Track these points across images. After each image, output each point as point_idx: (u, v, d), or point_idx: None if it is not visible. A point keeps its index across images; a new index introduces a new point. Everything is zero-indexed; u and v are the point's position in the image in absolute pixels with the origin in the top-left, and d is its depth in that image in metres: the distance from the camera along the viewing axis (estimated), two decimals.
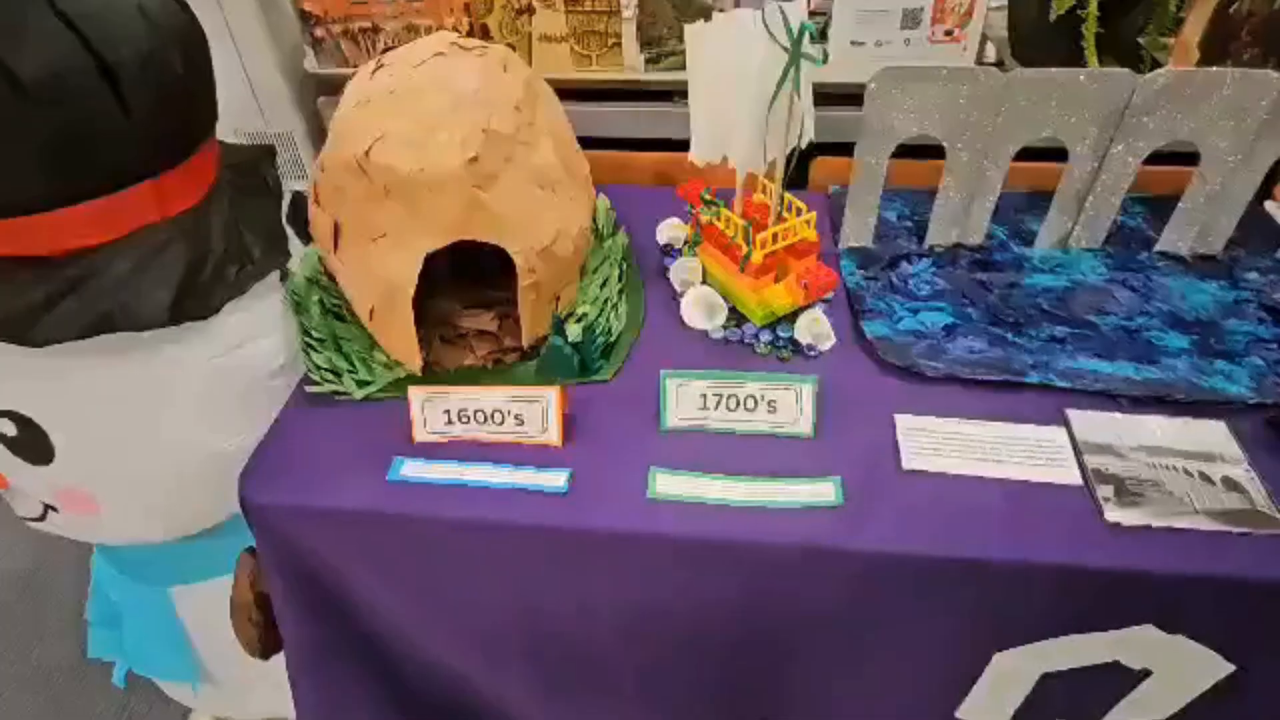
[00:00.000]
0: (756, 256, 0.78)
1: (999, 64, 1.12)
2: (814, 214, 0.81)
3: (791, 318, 0.82)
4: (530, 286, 0.74)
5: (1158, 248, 0.91)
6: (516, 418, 0.70)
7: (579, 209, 0.79)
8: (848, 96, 0.91)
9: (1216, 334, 0.80)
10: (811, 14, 1.07)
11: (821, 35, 1.03)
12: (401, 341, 0.74)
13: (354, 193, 0.70)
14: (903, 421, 0.71)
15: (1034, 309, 0.84)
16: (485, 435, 0.70)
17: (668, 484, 0.66)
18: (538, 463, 0.68)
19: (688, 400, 0.71)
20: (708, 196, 0.85)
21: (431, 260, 0.71)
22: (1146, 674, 0.70)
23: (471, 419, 0.70)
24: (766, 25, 0.67)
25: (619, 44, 1.05)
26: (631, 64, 1.06)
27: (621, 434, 0.72)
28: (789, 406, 0.70)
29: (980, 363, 0.76)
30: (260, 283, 0.78)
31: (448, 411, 0.69)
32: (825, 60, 0.67)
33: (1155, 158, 0.86)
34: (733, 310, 0.84)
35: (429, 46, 0.74)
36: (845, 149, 0.88)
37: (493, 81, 0.72)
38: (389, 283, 0.71)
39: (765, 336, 0.81)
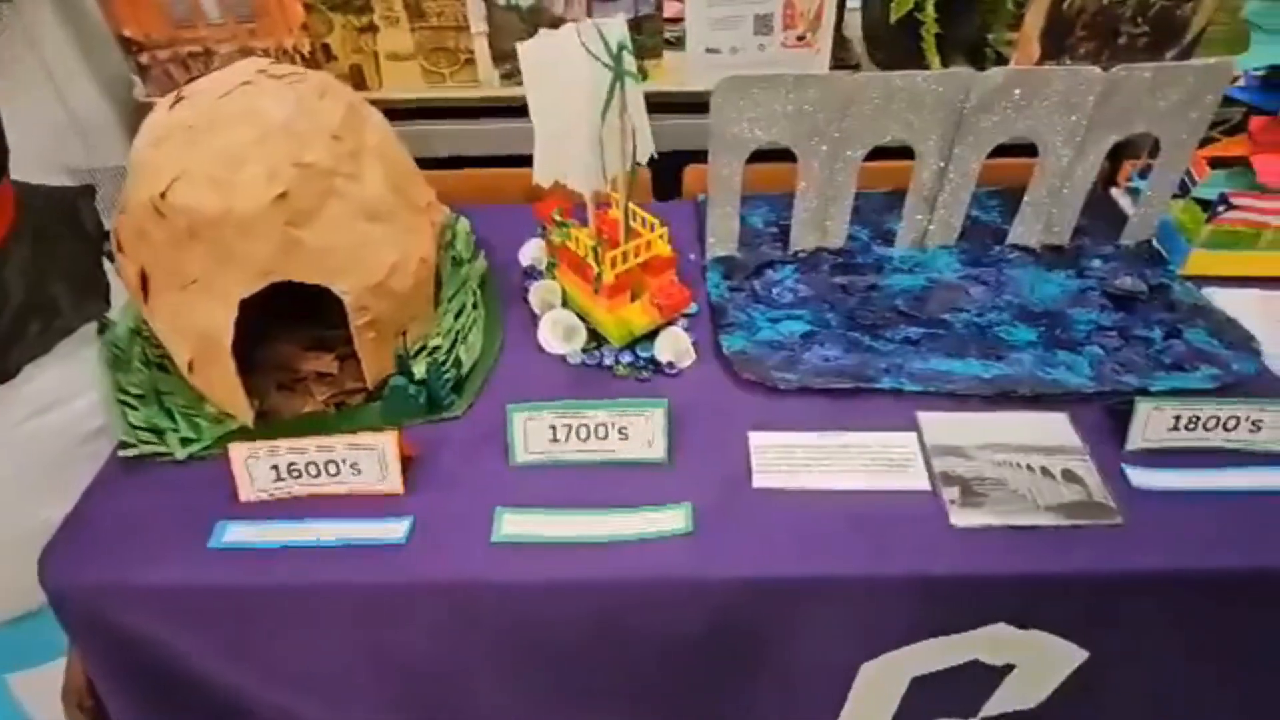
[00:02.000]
0: (608, 276, 0.76)
1: (856, 66, 1.14)
2: (666, 228, 0.80)
3: (653, 335, 0.81)
4: (366, 325, 0.70)
5: (1009, 240, 0.93)
6: (353, 467, 0.65)
7: (418, 238, 0.76)
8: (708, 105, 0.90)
9: (1062, 324, 0.82)
10: (667, 20, 1.06)
11: (679, 43, 1.02)
12: (226, 394, 0.69)
13: (157, 237, 0.65)
14: (756, 439, 0.70)
15: (892, 311, 0.84)
16: (320, 489, 0.66)
17: (514, 525, 0.63)
18: (378, 513, 0.65)
19: (537, 433, 0.69)
20: (558, 216, 0.83)
21: (264, 300, 0.66)
22: (1010, 668, 0.71)
23: (303, 472, 0.65)
24: (585, 44, 0.65)
25: (472, 60, 1.01)
26: (486, 80, 1.02)
27: (471, 473, 0.68)
28: (640, 433, 0.68)
29: (834, 371, 0.75)
30: (70, 338, 0.72)
31: (276, 467, 0.65)
32: (644, 79, 0.65)
33: (1012, 150, 0.87)
34: (594, 332, 0.82)
35: (235, 75, 0.69)
36: None
37: (306, 110, 0.68)
38: (203, 333, 0.66)
39: (625, 357, 0.79)
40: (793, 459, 0.68)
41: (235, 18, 0.98)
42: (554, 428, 0.68)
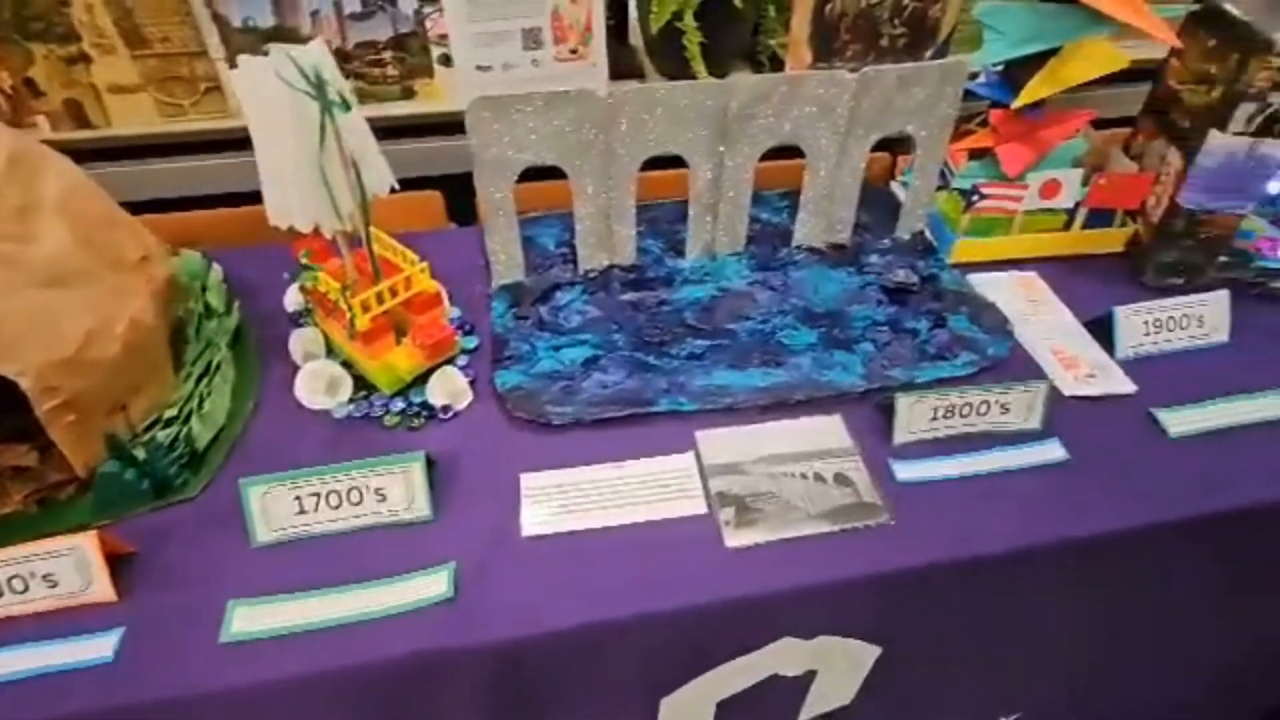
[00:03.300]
0: (361, 322, 0.70)
1: (641, 76, 1.13)
2: (427, 263, 0.75)
3: (427, 376, 0.75)
4: (60, 408, 0.60)
5: (794, 242, 0.95)
6: (46, 579, 0.56)
7: (126, 299, 0.66)
8: None
9: (841, 323, 0.84)
10: (442, 36, 1.00)
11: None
12: None
13: None
14: (528, 481, 0.66)
15: (680, 325, 0.83)
16: (7, 609, 0.56)
17: (248, 619, 0.56)
18: (82, 629, 0.55)
19: (280, 507, 0.61)
20: (304, 259, 0.75)
21: None
22: (813, 674, 0.71)
23: None
24: (280, 74, 0.58)
25: (217, 88, 0.91)
26: (237, 109, 0.93)
27: (205, 564, 0.60)
28: (399, 491, 0.63)
29: (613, 398, 0.73)
30: None
31: None
32: (350, 108, 0.60)
33: (800, 151, 0.88)
34: (364, 380, 0.75)
35: None
36: None
37: None
38: None
39: (397, 405, 0.73)
40: (566, 499, 0.65)
41: None
42: (299, 499, 0.62)
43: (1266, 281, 0.88)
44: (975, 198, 0.90)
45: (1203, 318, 0.82)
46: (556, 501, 0.64)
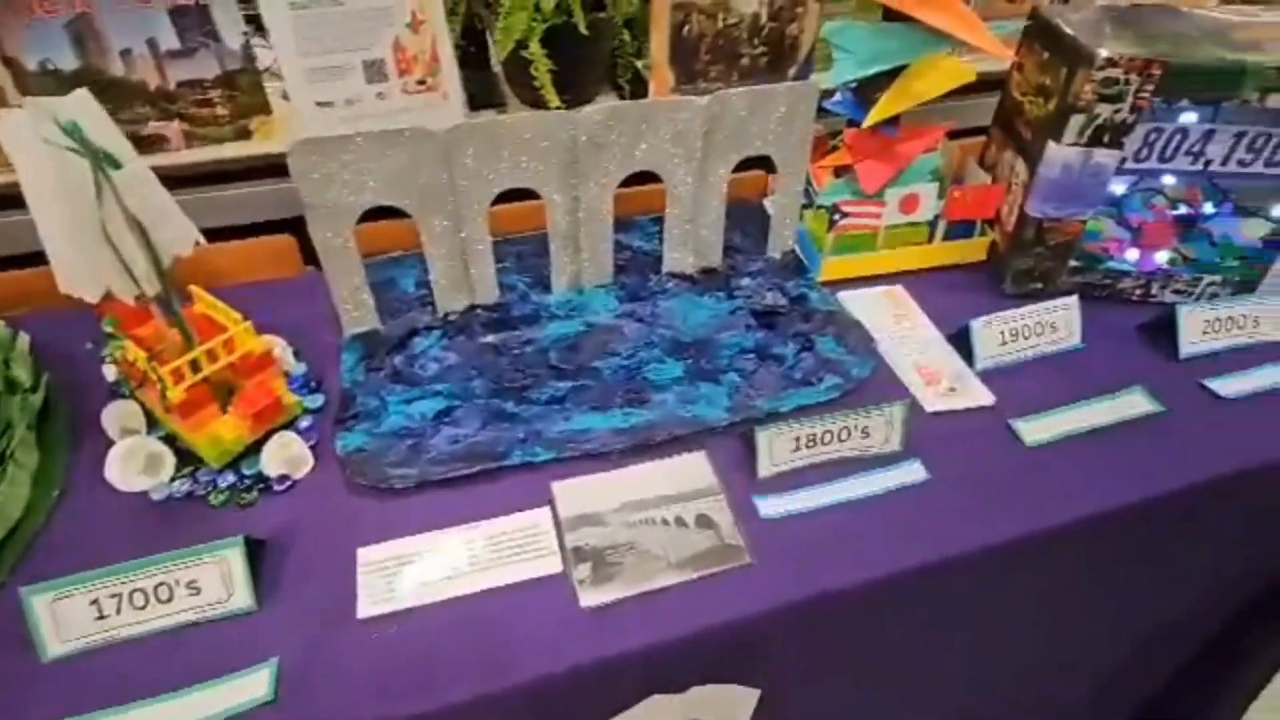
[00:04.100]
0: (174, 393, 0.64)
1: (502, 106, 1.10)
2: (248, 323, 0.69)
3: (265, 442, 0.69)
4: None
5: (665, 269, 0.93)
6: None
7: None
8: None
9: (709, 353, 0.82)
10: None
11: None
12: None
13: None
14: (366, 555, 0.61)
15: (543, 366, 0.80)
16: None
17: None
18: None
19: (75, 613, 0.55)
20: (108, 327, 0.69)
21: None
22: None
23: None
24: (38, 130, 0.52)
25: None
26: None
27: None
28: (215, 583, 0.57)
29: (463, 454, 0.69)
30: None
31: None
32: (120, 165, 0.54)
33: None
34: (191, 454, 0.69)
35: None
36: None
37: None
38: None
39: (226, 480, 0.67)
40: (406, 572, 0.60)
41: None
42: (97, 602, 0.55)
43: (1114, 283, 0.91)
44: (837, 216, 0.90)
45: (1055, 324, 0.84)
46: (396, 576, 0.60)
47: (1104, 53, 0.76)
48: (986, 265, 0.97)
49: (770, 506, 0.66)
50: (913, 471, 0.70)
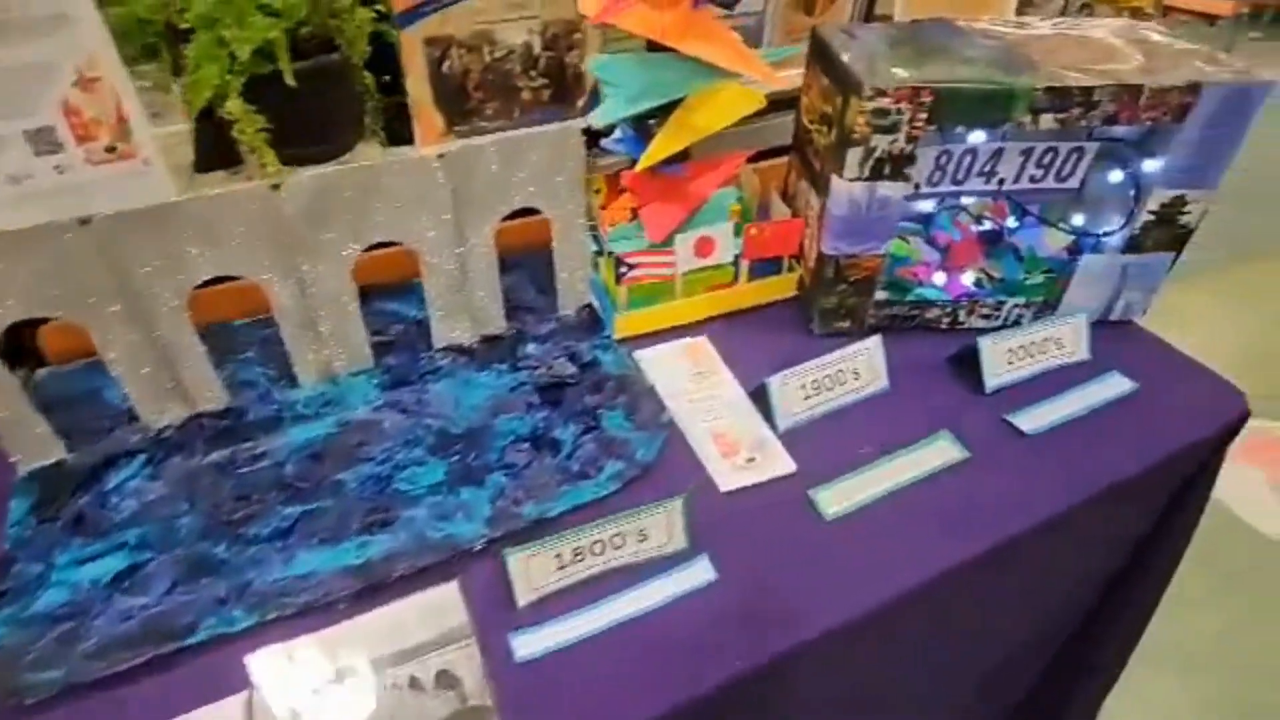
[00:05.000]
0: None
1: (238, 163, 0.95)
2: None
3: None
4: None
5: (437, 344, 0.81)
6: None
7: None
8: None
9: (479, 445, 0.71)
10: None
11: None
12: None
13: None
14: None
15: (275, 487, 0.66)
16: None
17: None
18: None
19: None
20: None
21: None
22: None
23: None
24: None
25: None
26: None
27: None
28: None
29: (133, 638, 0.54)
30: None
31: None
32: None
33: None
34: None
35: None
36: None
37: None
38: None
39: None
40: None
41: None
42: None
43: (922, 313, 0.87)
44: (623, 269, 0.81)
45: (858, 370, 0.78)
46: None
47: (872, 82, 0.70)
48: (799, 300, 0.91)
49: (529, 644, 0.56)
50: (700, 572, 0.61)
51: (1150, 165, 0.77)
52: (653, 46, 0.78)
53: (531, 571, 0.58)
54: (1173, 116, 0.72)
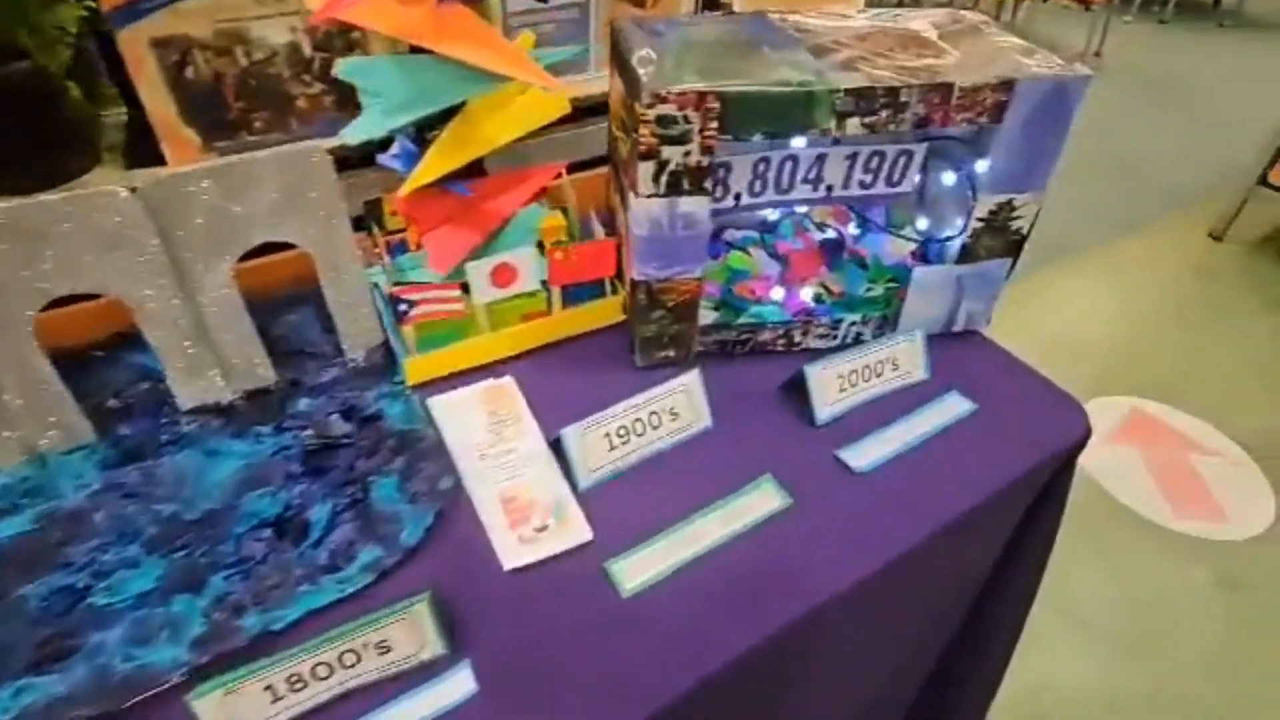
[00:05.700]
0: None
1: None
2: None
3: None
4: None
5: (185, 406, 0.68)
6: None
7: None
8: None
9: (215, 533, 0.59)
10: None
11: None
12: None
13: None
14: None
15: None
16: None
17: None
18: None
19: None
20: None
21: None
22: None
23: None
24: None
25: None
26: None
27: None
28: None
29: None
30: None
31: None
32: None
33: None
34: None
35: None
36: None
37: None
38: None
39: None
40: None
41: None
42: None
43: (755, 336, 0.79)
44: (403, 306, 0.70)
45: (675, 409, 0.69)
46: None
47: (653, 87, 0.60)
48: (626, 326, 0.82)
49: None
50: (457, 685, 0.51)
51: (982, 166, 0.71)
52: (417, 48, 0.67)
53: (238, 712, 0.47)
54: (989, 116, 0.65)
